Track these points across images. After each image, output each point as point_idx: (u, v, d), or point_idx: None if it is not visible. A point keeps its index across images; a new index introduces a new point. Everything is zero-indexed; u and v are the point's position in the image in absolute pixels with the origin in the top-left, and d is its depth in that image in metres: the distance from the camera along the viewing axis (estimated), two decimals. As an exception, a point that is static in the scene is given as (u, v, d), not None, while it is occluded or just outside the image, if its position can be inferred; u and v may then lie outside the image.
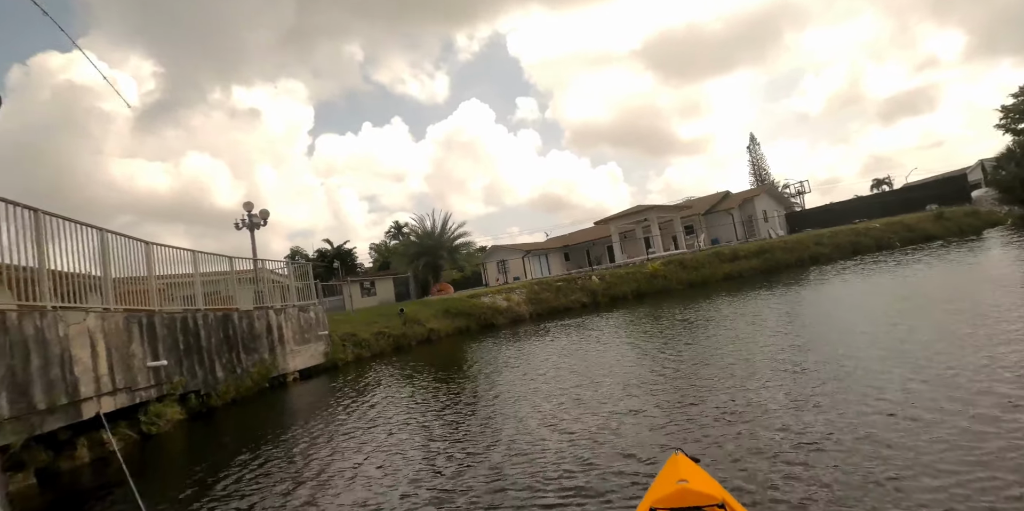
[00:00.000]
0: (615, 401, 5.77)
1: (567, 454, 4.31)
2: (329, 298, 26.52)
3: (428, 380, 9.93)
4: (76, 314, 6.74)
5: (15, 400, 5.48)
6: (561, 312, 24.44)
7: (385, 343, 18.16)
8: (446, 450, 5.00)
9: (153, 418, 7.88)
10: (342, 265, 36.35)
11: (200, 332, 9.92)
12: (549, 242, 45.47)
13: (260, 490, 4.85)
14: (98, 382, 6.82)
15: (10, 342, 5.60)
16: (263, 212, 14.65)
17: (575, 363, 8.72)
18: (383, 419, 7.01)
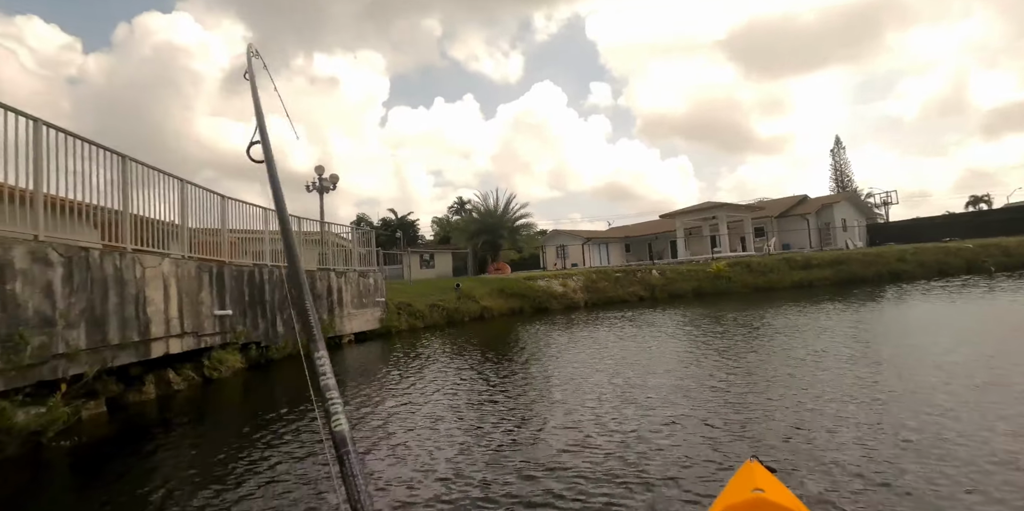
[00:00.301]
0: (671, 401, 5.46)
1: (617, 452, 4.06)
2: (389, 266, 27.05)
3: (479, 357, 9.87)
4: (153, 258, 7.01)
5: (92, 333, 5.74)
6: (617, 303, 23.97)
7: (439, 316, 18.35)
8: (489, 433, 4.80)
9: (216, 364, 8.18)
10: (404, 235, 37.00)
11: (265, 287, 10.22)
12: (611, 231, 44.67)
13: (304, 443, 4.90)
14: (168, 324, 7.10)
15: (91, 278, 5.86)
16: (333, 177, 14.93)
17: (629, 357, 8.41)
18: (430, 389, 6.98)
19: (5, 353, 4.67)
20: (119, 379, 6.71)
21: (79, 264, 5.71)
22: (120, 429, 5.79)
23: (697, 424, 4.61)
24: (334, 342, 12.85)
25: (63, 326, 5.38)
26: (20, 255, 5.02)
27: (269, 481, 3.98)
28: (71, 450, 4.85)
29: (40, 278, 5.20)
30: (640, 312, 17.57)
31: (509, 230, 29.91)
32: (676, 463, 3.74)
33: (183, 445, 5.18)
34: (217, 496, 3.74)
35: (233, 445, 4.97)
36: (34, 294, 5.11)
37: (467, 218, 32.50)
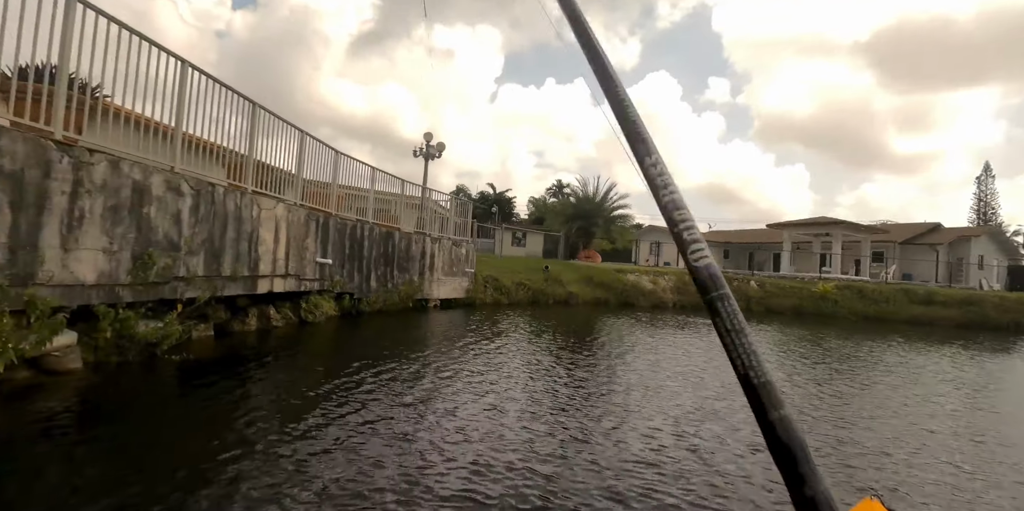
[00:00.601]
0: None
1: (696, 474, 3.69)
2: (482, 239, 27.42)
3: (559, 341, 9.72)
4: (269, 201, 7.39)
5: (208, 262, 6.15)
6: (707, 310, 22.92)
7: (523, 294, 18.38)
8: (558, 424, 4.61)
9: (312, 307, 8.61)
10: (499, 211, 37.33)
11: (364, 242, 10.59)
12: (710, 235, 42.64)
13: (379, 389, 5.07)
14: (275, 264, 7.50)
15: (214, 212, 6.26)
16: (439, 145, 15.16)
17: (716, 369, 7.88)
18: (507, 366, 6.94)
19: (135, 269, 5.08)
20: (227, 308, 7.20)
21: (205, 197, 6.10)
22: (223, 352, 6.23)
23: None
24: (420, 304, 13.20)
25: (186, 252, 5.79)
26: (157, 183, 5.42)
27: (348, 413, 4.20)
28: (180, 363, 5.25)
29: (171, 206, 5.61)
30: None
31: (604, 219, 29.27)
32: (779, 495, 3.40)
33: (276, 374, 5.53)
34: (297, 422, 3.94)
35: (321, 382, 5.24)
36: (165, 220, 5.51)
37: (564, 201, 32.18)
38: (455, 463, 3.38)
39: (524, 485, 3.16)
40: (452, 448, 3.64)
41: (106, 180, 4.85)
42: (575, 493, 3.13)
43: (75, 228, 4.55)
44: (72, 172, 4.54)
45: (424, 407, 4.65)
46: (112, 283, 4.89)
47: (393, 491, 2.94)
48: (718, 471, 3.64)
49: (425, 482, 3.08)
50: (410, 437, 3.83)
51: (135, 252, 5.12)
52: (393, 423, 4.14)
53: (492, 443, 3.83)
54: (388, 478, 3.10)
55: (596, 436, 4.23)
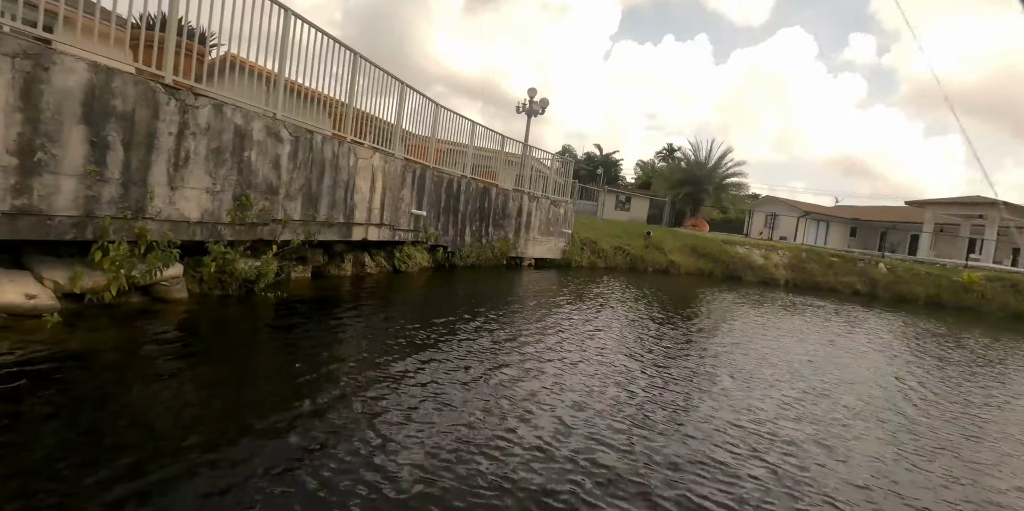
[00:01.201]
0: (885, 431, 4.17)
1: (795, 479, 3.19)
2: (584, 201, 26.85)
3: (659, 311, 9.24)
4: (366, 150, 7.49)
5: (305, 207, 6.38)
6: (824, 291, 21.06)
7: (621, 259, 17.84)
8: (654, 400, 4.27)
9: (405, 257, 8.81)
10: (604, 174, 36.20)
11: (460, 197, 10.60)
12: (836, 209, 38.70)
13: (469, 342, 5.13)
14: (370, 212, 7.68)
15: (312, 159, 6.42)
16: (543, 101, 14.66)
17: (834, 360, 6.94)
18: (602, 332, 6.73)
19: (235, 209, 5.34)
20: (324, 252, 7.52)
21: (304, 144, 6.26)
22: (318, 293, 6.51)
23: (919, 473, 3.52)
24: (514, 262, 13.18)
25: (284, 196, 6.02)
26: (258, 128, 5.59)
27: (430, 361, 4.31)
28: (276, 300, 5.54)
29: (271, 150, 5.80)
30: (852, 308, 15.10)
31: (716, 186, 27.45)
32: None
33: (365, 317, 5.72)
34: (384, 363, 4.09)
35: (410, 328, 5.39)
36: (264, 164, 5.72)
37: (673, 166, 30.48)
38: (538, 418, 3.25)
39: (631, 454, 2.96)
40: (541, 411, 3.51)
41: (210, 123, 5.06)
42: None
43: (181, 167, 4.82)
44: (179, 114, 4.77)
45: (513, 365, 4.60)
46: (214, 221, 5.18)
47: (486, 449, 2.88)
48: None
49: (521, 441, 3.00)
50: (504, 394, 3.80)
51: (235, 193, 5.38)
52: (484, 376, 4.19)
53: (588, 409, 3.65)
54: (481, 435, 3.06)
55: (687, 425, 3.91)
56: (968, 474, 3.52)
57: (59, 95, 3.91)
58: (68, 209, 3.99)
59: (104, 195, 4.22)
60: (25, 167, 3.73)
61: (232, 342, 4.42)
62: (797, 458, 3.35)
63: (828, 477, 3.13)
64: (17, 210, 3.69)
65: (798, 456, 3.38)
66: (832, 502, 2.82)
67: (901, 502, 2.96)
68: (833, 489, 2.97)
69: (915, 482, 3.26)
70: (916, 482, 3.26)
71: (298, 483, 2.33)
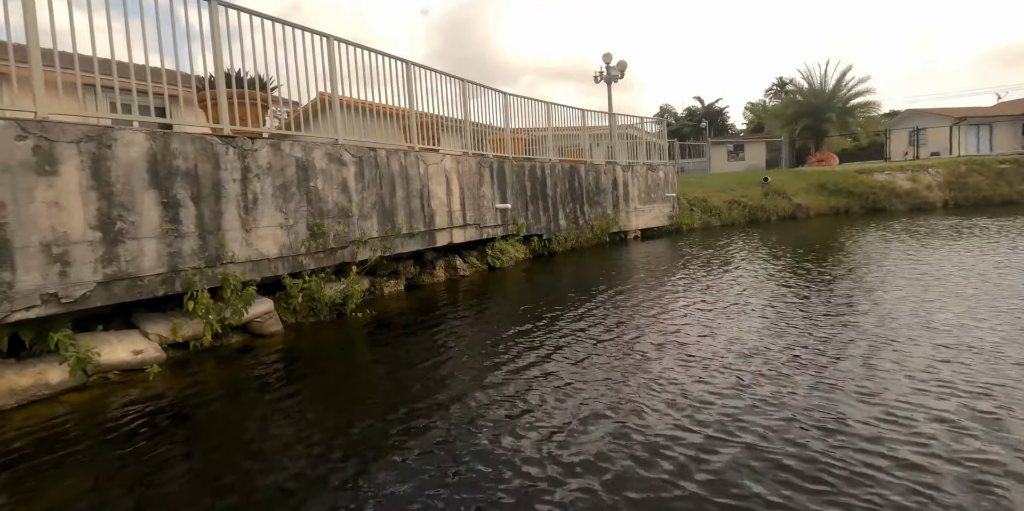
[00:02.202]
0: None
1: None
2: (690, 160, 25.01)
3: (791, 266, 8.13)
4: (435, 155, 7.37)
5: (382, 223, 6.39)
6: (996, 206, 17.73)
7: (738, 214, 16.35)
8: (793, 369, 3.66)
9: (497, 253, 8.64)
10: (710, 125, 33.30)
11: (547, 181, 10.20)
12: (999, 108, 32.23)
13: (569, 332, 4.82)
14: (451, 216, 7.57)
15: (380, 175, 6.41)
16: (620, 64, 13.65)
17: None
18: (724, 297, 6.06)
19: (310, 239, 5.46)
20: (416, 263, 7.56)
21: (368, 163, 6.25)
22: (410, 304, 6.49)
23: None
24: (619, 237, 12.53)
25: (358, 216, 6.07)
26: (319, 156, 5.65)
27: (532, 363, 4.05)
28: (367, 319, 5.61)
29: (336, 176, 5.85)
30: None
31: (839, 112, 24.00)
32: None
33: (455, 321, 5.54)
34: (473, 371, 3.89)
35: (503, 328, 5.17)
36: (332, 189, 5.79)
37: (786, 100, 27.20)
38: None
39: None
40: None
41: (271, 162, 5.18)
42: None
43: (251, 209, 4.98)
44: (239, 160, 4.92)
45: (630, 350, 4.23)
46: (294, 254, 5.32)
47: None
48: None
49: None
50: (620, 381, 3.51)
51: (309, 223, 5.49)
52: (591, 365, 3.95)
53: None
54: (603, 432, 2.79)
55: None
56: None
57: (125, 167, 4.15)
58: (154, 268, 4.25)
59: (185, 249, 4.45)
60: (108, 238, 4.01)
61: (326, 365, 4.47)
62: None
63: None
64: (109, 278, 3.99)
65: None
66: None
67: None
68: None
69: None
70: None
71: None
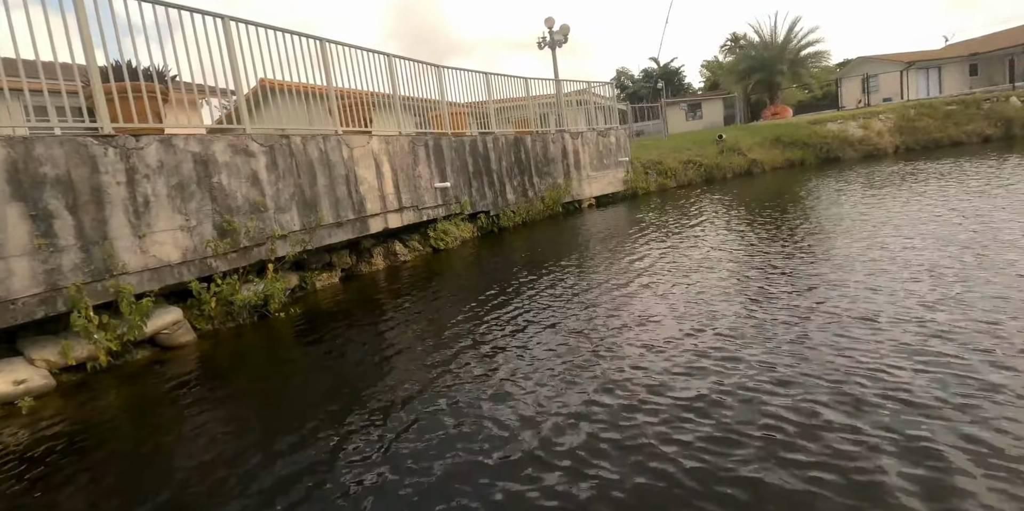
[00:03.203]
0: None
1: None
2: (648, 122, 24.59)
3: (748, 222, 8.00)
4: (360, 138, 6.89)
5: (305, 215, 5.97)
6: (944, 148, 17.83)
7: (694, 173, 16.13)
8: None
9: (440, 234, 8.28)
10: (667, 85, 32.63)
11: (490, 155, 9.77)
12: (947, 50, 32.23)
13: (512, 313, 4.61)
14: (384, 200, 7.16)
15: (296, 164, 5.94)
16: (563, 28, 13.05)
17: (971, 242, 5.20)
18: (682, 259, 5.90)
19: (219, 238, 5.04)
20: (352, 252, 7.18)
21: (281, 151, 5.78)
22: (346, 297, 6.15)
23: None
24: (573, 207, 12.22)
25: (274, 210, 5.64)
26: (220, 149, 5.17)
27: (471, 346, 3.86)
28: (293, 318, 5.27)
29: (244, 168, 5.38)
30: (983, 159, 12.44)
31: (790, 63, 23.69)
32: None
33: (394, 314, 5.18)
34: (409, 370, 3.58)
35: (442, 316, 4.89)
36: (240, 183, 5.33)
37: (739, 55, 26.71)
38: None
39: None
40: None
41: (162, 160, 4.70)
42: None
43: (143, 214, 4.53)
44: (122, 161, 4.44)
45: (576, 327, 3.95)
46: (200, 257, 4.90)
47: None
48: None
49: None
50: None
51: (216, 222, 5.06)
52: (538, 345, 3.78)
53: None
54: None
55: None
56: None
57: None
58: (28, 288, 3.82)
59: (65, 264, 4.01)
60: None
61: (242, 374, 4.15)
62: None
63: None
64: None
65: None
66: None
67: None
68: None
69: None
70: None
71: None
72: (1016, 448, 2.03)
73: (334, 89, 6.74)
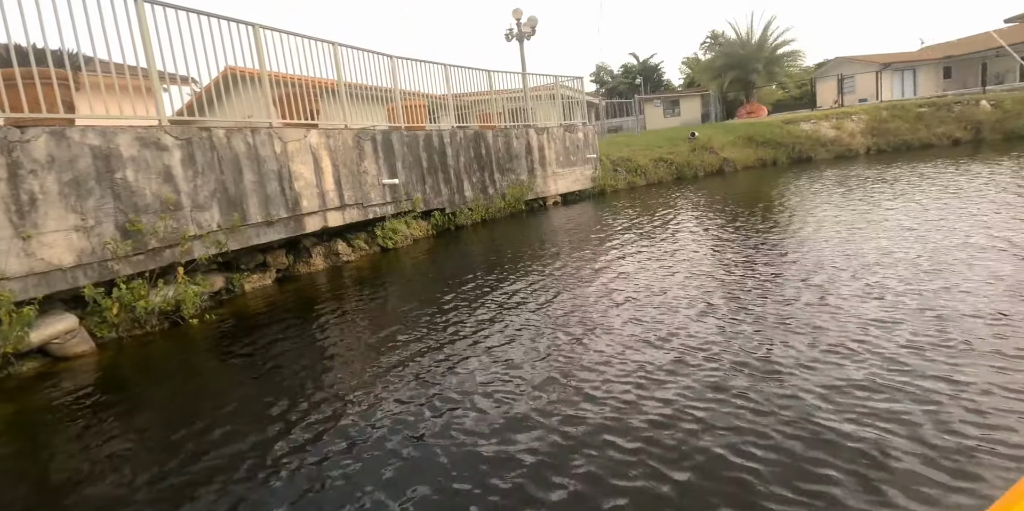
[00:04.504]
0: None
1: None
2: (629, 118, 24.33)
3: (722, 222, 7.82)
4: (296, 131, 6.50)
5: (227, 213, 5.58)
6: (915, 149, 17.84)
7: (664, 171, 15.93)
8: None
9: (389, 233, 7.93)
10: (645, 81, 32.34)
11: (447, 150, 9.42)
12: (923, 53, 32.45)
13: (478, 308, 4.27)
14: (323, 198, 6.78)
15: (218, 158, 5.54)
16: (531, 19, 12.69)
17: (938, 243, 5.19)
18: (646, 258, 5.69)
19: (123, 239, 4.64)
20: (289, 252, 6.80)
21: (200, 145, 5.37)
22: (277, 300, 5.78)
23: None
24: (537, 204, 11.93)
25: (191, 208, 5.25)
26: (125, 143, 4.76)
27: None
28: (213, 324, 4.91)
29: (155, 163, 4.98)
30: (955, 161, 12.38)
31: (765, 62, 23.60)
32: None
33: (327, 319, 4.85)
34: (337, 385, 3.24)
35: (383, 320, 4.63)
36: (150, 180, 4.93)
37: (715, 53, 26.54)
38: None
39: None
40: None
41: (52, 155, 4.29)
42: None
43: (28, 213, 4.13)
44: (3, 155, 4.03)
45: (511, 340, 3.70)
46: (100, 259, 4.50)
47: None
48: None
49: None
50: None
51: (119, 222, 4.66)
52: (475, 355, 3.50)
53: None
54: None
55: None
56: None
57: None
58: None
59: (-73, 269, 3.63)
60: None
61: (143, 388, 3.79)
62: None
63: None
64: None
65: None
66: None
67: None
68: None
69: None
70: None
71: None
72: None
73: (268, 79, 6.34)
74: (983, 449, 2.06)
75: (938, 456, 2.04)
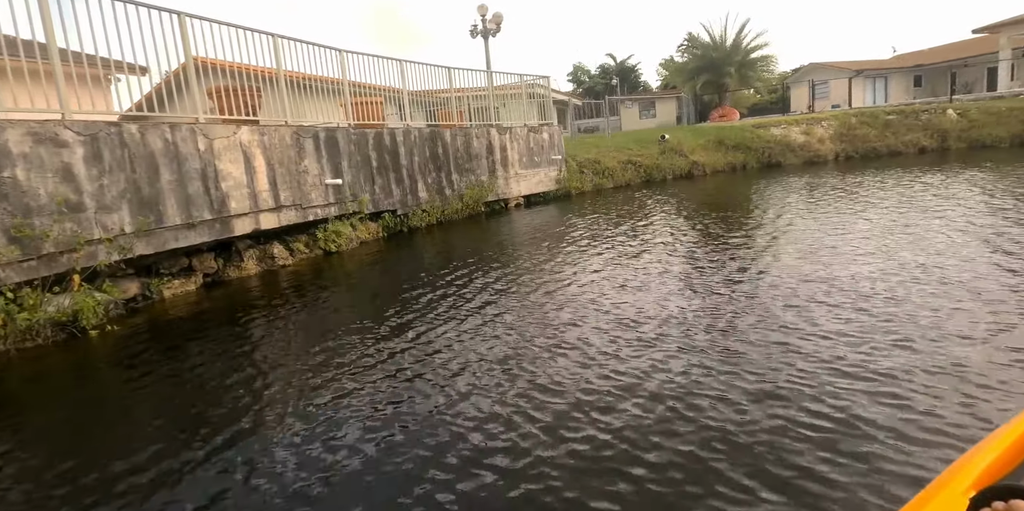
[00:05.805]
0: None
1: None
2: (599, 120, 24.19)
3: (690, 227, 7.67)
4: (224, 128, 6.13)
5: (138, 215, 5.20)
6: (882, 156, 18.00)
7: (632, 174, 15.78)
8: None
9: (331, 236, 7.58)
10: (622, 82, 32.26)
11: (400, 149, 9.09)
12: (895, 60, 32.94)
13: (420, 315, 3.91)
14: (255, 198, 6.43)
15: (130, 156, 5.16)
16: (496, 16, 12.40)
17: (904, 246, 5.26)
18: (598, 260, 5.47)
19: (9, 244, 4.26)
20: (219, 255, 6.44)
21: (108, 141, 4.98)
22: (197, 310, 5.41)
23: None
24: (498, 206, 11.67)
25: (96, 210, 4.86)
26: (15, 139, 4.37)
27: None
28: (119, 336, 4.54)
29: (52, 161, 4.59)
30: (920, 170, 12.43)
31: (739, 65, 23.66)
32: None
33: (255, 328, 4.54)
34: (254, 411, 2.92)
35: (316, 330, 4.35)
36: (45, 180, 4.54)
37: (689, 55, 26.58)
38: None
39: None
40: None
41: (-77, 148, 3.90)
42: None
43: None
44: None
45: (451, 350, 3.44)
46: (-20, 265, 4.14)
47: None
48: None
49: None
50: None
51: (6, 225, 4.27)
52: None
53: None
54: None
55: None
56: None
57: None
58: None
59: None
60: None
61: (28, 404, 3.47)
62: None
63: None
64: None
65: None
66: None
67: None
68: None
69: None
70: None
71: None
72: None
73: (197, 68, 5.96)
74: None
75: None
